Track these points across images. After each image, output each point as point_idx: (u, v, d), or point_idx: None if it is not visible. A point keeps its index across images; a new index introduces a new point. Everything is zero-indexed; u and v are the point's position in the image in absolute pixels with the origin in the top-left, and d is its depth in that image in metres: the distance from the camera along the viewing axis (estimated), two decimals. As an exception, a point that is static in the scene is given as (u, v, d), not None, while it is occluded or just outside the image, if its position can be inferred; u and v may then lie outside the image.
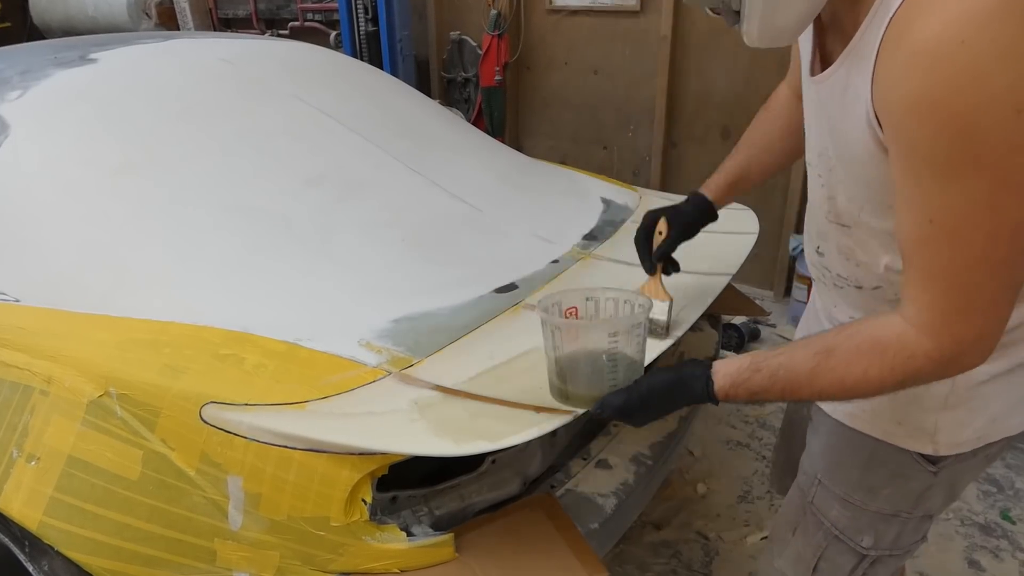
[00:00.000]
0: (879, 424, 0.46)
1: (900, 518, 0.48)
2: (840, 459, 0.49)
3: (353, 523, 0.50)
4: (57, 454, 0.54)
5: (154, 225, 0.69)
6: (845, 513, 0.49)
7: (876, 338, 0.37)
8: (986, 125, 0.30)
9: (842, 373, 0.38)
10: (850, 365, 0.38)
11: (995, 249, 0.33)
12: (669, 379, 0.44)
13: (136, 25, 2.54)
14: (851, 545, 0.50)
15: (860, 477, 0.48)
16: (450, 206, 0.86)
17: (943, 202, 0.33)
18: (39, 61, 0.86)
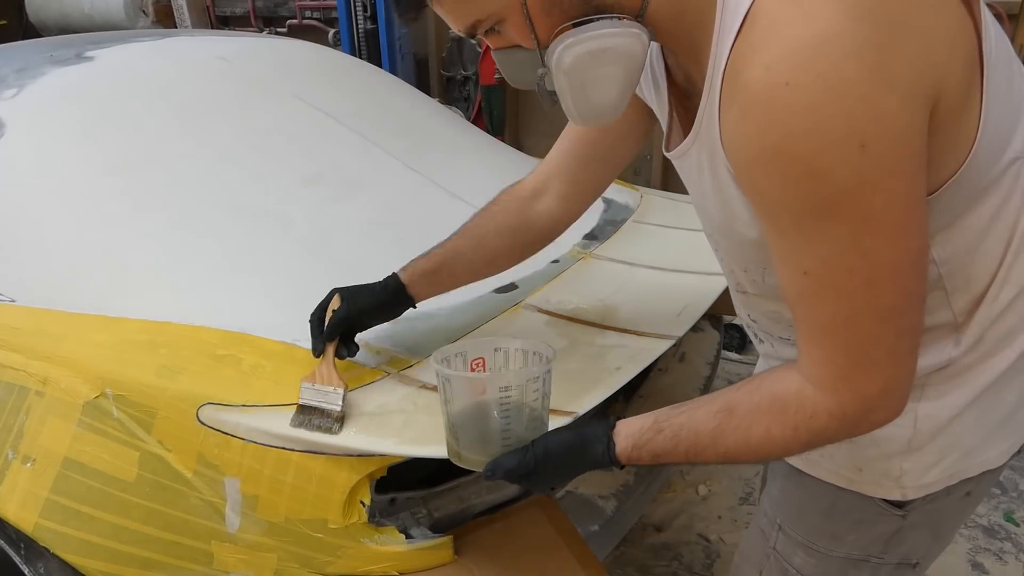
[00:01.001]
0: (839, 472, 0.42)
1: (871, 563, 0.44)
2: (800, 505, 0.46)
3: (351, 525, 0.50)
4: (53, 456, 0.54)
5: (151, 225, 0.69)
6: (810, 560, 0.45)
7: (775, 395, 0.35)
8: (830, 166, 0.28)
9: (745, 433, 0.36)
10: (752, 424, 0.36)
11: (877, 296, 0.30)
12: (569, 440, 0.41)
13: (133, 23, 2.54)
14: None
15: (822, 524, 0.44)
16: (450, 206, 0.86)
17: (810, 252, 0.31)
18: (35, 59, 0.85)
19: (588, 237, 0.86)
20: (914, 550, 0.44)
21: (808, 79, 0.27)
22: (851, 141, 0.27)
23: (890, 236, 0.30)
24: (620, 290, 0.72)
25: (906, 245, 0.30)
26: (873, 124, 0.27)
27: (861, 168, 0.28)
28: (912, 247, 0.30)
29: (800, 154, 0.28)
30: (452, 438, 0.42)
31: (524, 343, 0.45)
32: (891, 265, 0.30)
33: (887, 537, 0.43)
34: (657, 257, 0.80)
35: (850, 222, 0.29)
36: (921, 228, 0.31)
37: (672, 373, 0.87)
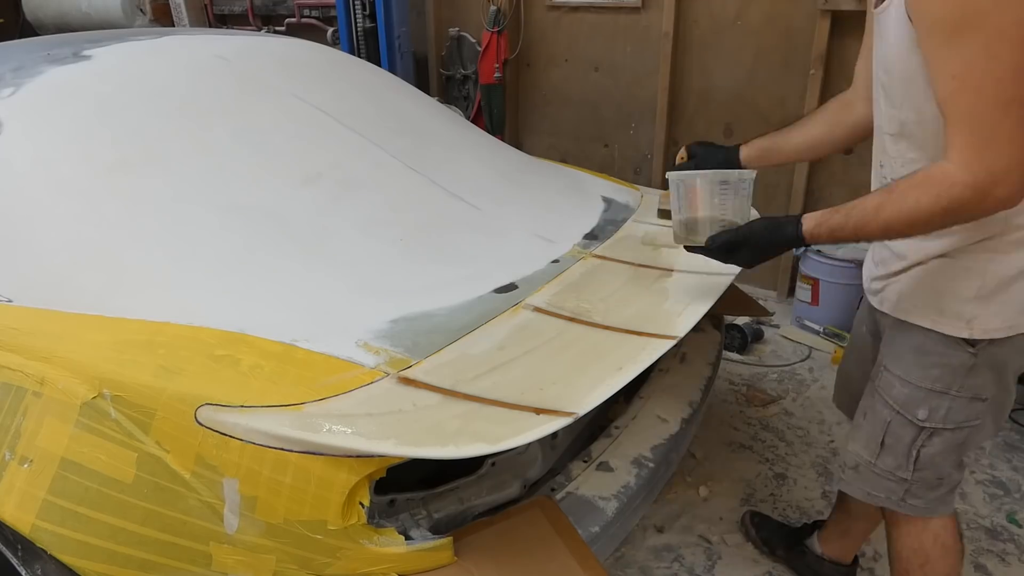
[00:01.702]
0: (927, 315, 0.58)
1: (949, 395, 0.59)
2: (898, 348, 0.61)
3: (350, 526, 0.49)
4: (50, 456, 0.53)
5: (149, 224, 0.69)
6: (903, 391, 0.61)
7: (926, 174, 0.49)
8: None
9: (899, 204, 0.50)
10: (905, 197, 0.50)
11: (1002, 90, 0.44)
12: (768, 223, 0.58)
13: (130, 21, 2.53)
14: (909, 418, 0.61)
15: (914, 359, 0.60)
16: (449, 205, 0.85)
17: (956, 59, 0.46)
18: (32, 58, 0.85)
19: (588, 237, 0.85)
20: (983, 387, 0.59)
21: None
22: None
23: (1017, 46, 0.43)
24: (620, 290, 0.71)
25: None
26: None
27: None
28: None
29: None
30: (680, 227, 0.63)
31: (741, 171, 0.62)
32: (1014, 68, 0.44)
33: (963, 372, 0.58)
34: (658, 257, 0.80)
35: (986, 34, 0.44)
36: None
37: (673, 373, 0.87)
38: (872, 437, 0.65)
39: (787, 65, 1.63)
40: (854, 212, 0.53)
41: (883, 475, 0.65)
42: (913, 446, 0.62)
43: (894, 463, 0.64)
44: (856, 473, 0.68)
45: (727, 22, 1.69)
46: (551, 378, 0.55)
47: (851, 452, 0.68)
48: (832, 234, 0.55)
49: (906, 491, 0.64)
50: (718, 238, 0.60)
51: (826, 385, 1.38)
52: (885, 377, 0.63)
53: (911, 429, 0.62)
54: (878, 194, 0.53)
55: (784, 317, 1.66)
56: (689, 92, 1.81)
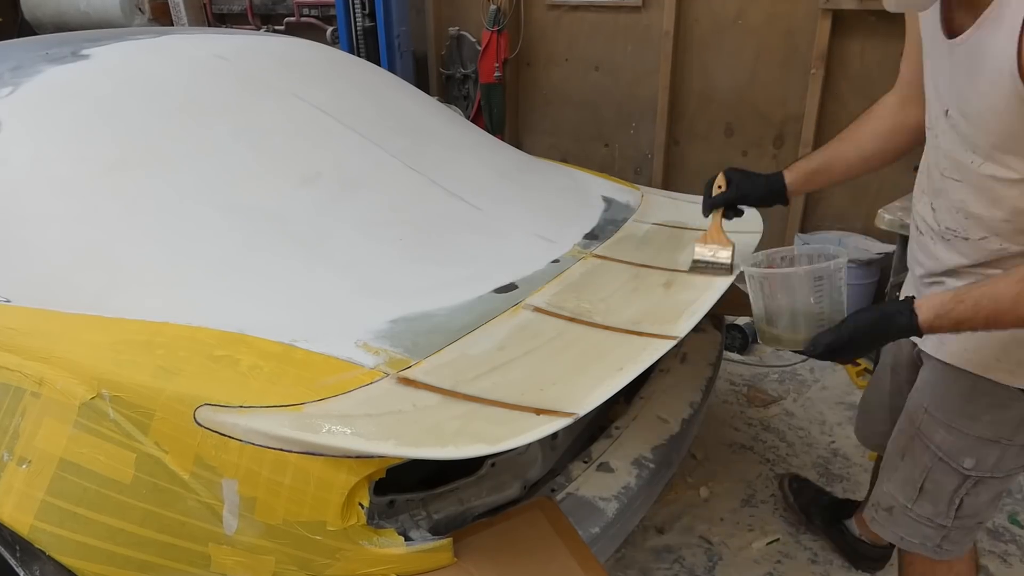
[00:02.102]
0: (980, 361, 0.54)
1: (1000, 444, 0.55)
2: (945, 391, 0.57)
3: (350, 527, 0.49)
4: (48, 457, 0.53)
5: (148, 224, 0.68)
6: (949, 438, 0.57)
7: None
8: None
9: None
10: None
11: None
12: (874, 316, 0.51)
13: (129, 21, 2.52)
14: (954, 466, 0.58)
15: (962, 406, 0.56)
16: (449, 205, 0.85)
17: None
18: (30, 57, 0.84)
19: (589, 236, 0.85)
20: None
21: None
22: None
23: None
24: (621, 290, 0.71)
25: None
26: None
27: None
28: None
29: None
30: (769, 327, 0.56)
31: (812, 248, 0.58)
32: None
33: (1017, 422, 0.54)
34: (658, 257, 0.80)
35: None
36: None
37: (674, 374, 0.87)
38: (909, 481, 0.61)
39: (788, 64, 1.63)
40: (984, 302, 0.47)
41: (920, 520, 0.61)
42: (956, 494, 0.58)
43: (933, 510, 0.60)
44: (889, 515, 0.64)
45: (728, 21, 1.69)
46: (551, 378, 0.55)
47: (885, 493, 0.64)
48: (956, 326, 0.48)
49: (943, 538, 0.60)
50: (821, 340, 0.52)
51: (827, 385, 1.37)
52: (927, 421, 0.58)
53: (955, 477, 0.58)
54: (1015, 281, 0.46)
55: (785, 317, 1.67)
56: (690, 91, 1.80)
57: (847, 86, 1.52)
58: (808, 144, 1.60)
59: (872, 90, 1.48)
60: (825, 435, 1.22)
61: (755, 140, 1.71)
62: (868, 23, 1.46)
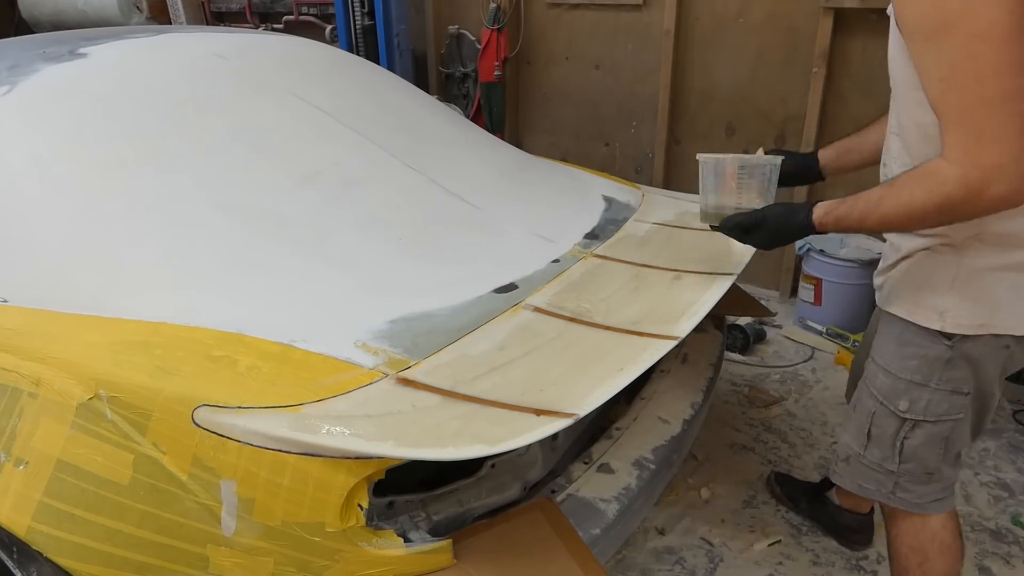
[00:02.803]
0: (904, 306, 0.61)
1: (929, 387, 0.61)
2: (884, 338, 0.64)
3: (349, 529, 0.49)
4: (46, 458, 0.53)
5: (146, 224, 0.68)
6: (886, 382, 0.63)
7: (922, 170, 0.51)
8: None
9: (897, 198, 0.52)
10: (902, 191, 0.52)
11: (986, 88, 0.46)
12: (781, 209, 0.61)
13: (127, 19, 2.52)
14: (892, 409, 0.63)
15: (896, 350, 0.62)
16: (448, 204, 0.85)
17: (939, 62, 0.48)
18: (27, 56, 0.84)
19: (589, 236, 0.85)
20: (963, 381, 0.60)
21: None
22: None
23: (995, 45, 0.44)
24: (621, 290, 0.71)
25: (1007, 53, 0.44)
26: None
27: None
28: (1012, 55, 0.45)
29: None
30: (703, 203, 0.68)
31: (768, 156, 0.67)
32: (994, 66, 0.45)
33: (941, 365, 0.59)
34: (659, 257, 0.80)
35: (964, 36, 0.45)
36: (1017, 45, 0.44)
37: (674, 374, 0.86)
38: (860, 428, 0.67)
39: (789, 63, 1.62)
40: (858, 203, 0.55)
41: (872, 467, 0.66)
42: (897, 437, 0.63)
43: (880, 455, 0.65)
44: (847, 465, 0.70)
45: (729, 20, 1.68)
46: (551, 379, 0.54)
47: (843, 444, 0.70)
48: (838, 223, 0.57)
49: (895, 484, 0.65)
50: (733, 219, 0.64)
51: (829, 386, 1.37)
52: (871, 368, 0.66)
53: (894, 420, 0.63)
54: (882, 187, 0.55)
55: (787, 317, 1.65)
56: (691, 90, 1.79)
57: (849, 85, 1.51)
58: (810, 143, 1.59)
59: (874, 89, 1.48)
60: (827, 436, 1.22)
61: (756, 139, 1.71)
62: (870, 22, 1.45)
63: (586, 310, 0.65)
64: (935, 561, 0.66)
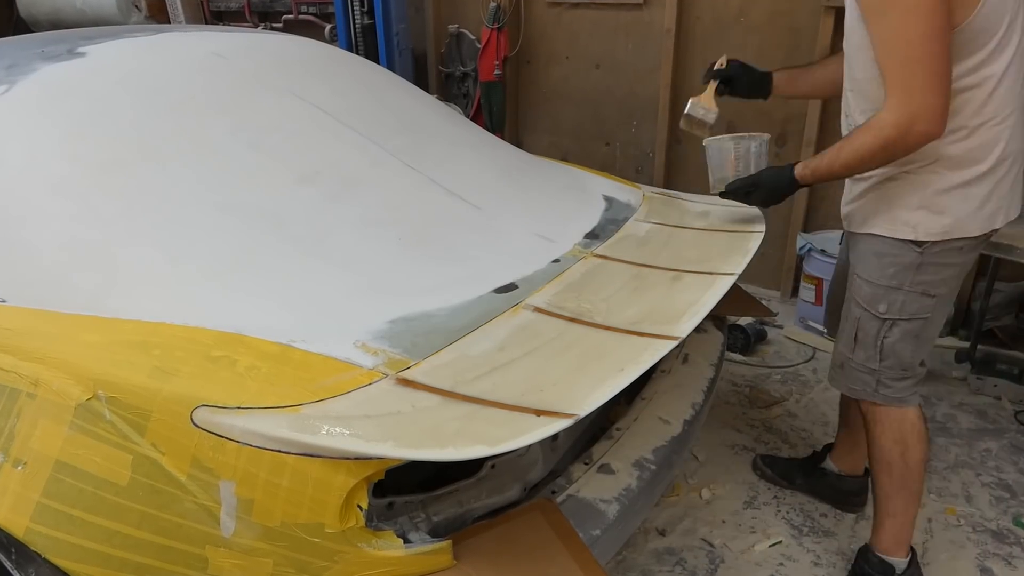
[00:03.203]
0: (882, 224, 0.74)
1: (903, 290, 0.75)
2: (863, 254, 0.77)
3: (348, 530, 0.49)
4: (44, 459, 0.53)
5: (144, 223, 0.68)
6: (868, 290, 0.77)
7: (868, 123, 0.68)
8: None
9: (851, 146, 0.69)
10: (854, 140, 0.69)
11: (913, 50, 0.62)
12: (771, 171, 0.79)
13: (126, 18, 2.51)
14: (873, 312, 0.76)
15: (875, 262, 0.76)
16: (448, 204, 0.85)
17: (883, 30, 0.64)
18: (26, 55, 0.84)
19: (589, 236, 0.85)
20: (931, 284, 0.74)
21: None
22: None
23: (921, 17, 0.61)
24: (622, 290, 0.71)
25: (930, 23, 0.61)
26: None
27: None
28: (935, 25, 0.61)
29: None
30: (712, 178, 0.85)
31: (755, 135, 0.84)
32: (921, 34, 0.61)
33: (913, 269, 0.74)
34: (659, 256, 0.79)
35: (901, 9, 0.62)
36: (941, 18, 0.61)
37: (675, 375, 0.86)
38: (849, 335, 0.80)
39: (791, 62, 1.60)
40: (826, 156, 0.72)
41: (859, 368, 0.79)
42: (878, 337, 0.77)
43: (865, 355, 0.78)
44: (840, 370, 0.82)
45: (730, 19, 1.68)
46: (552, 379, 0.54)
47: (836, 352, 0.83)
48: (815, 174, 0.74)
49: (878, 381, 0.78)
50: (734, 183, 0.82)
51: (830, 387, 1.37)
52: (855, 282, 0.79)
53: (875, 322, 0.77)
54: (841, 141, 0.71)
55: (787, 317, 1.65)
56: (692, 89, 1.79)
57: (850, 84, 1.50)
58: (811, 143, 1.59)
59: (875, 88, 1.48)
60: (828, 436, 1.21)
61: (757, 138, 1.71)
62: (871, 20, 1.45)
63: (586, 310, 0.65)
64: (914, 448, 0.79)
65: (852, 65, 0.72)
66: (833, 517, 1.02)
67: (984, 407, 1.29)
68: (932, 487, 1.07)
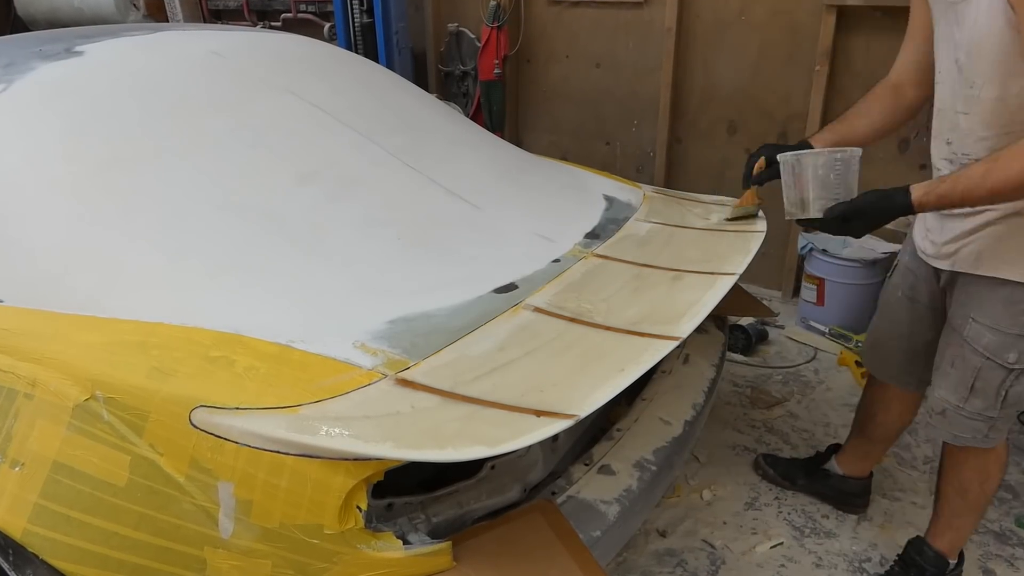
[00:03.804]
0: (1014, 270, 0.68)
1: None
2: (986, 300, 0.71)
3: (347, 531, 0.49)
4: (42, 459, 0.53)
5: (142, 223, 0.68)
6: (994, 339, 0.71)
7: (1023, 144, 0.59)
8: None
9: (1005, 171, 0.59)
10: (1010, 163, 0.59)
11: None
12: (879, 193, 0.67)
13: (123, 17, 2.50)
14: (999, 363, 0.71)
15: (1003, 309, 0.69)
16: (448, 203, 0.84)
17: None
18: (23, 54, 0.83)
19: (590, 236, 0.84)
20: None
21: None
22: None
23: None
24: (622, 290, 0.70)
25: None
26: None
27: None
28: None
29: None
30: (795, 201, 0.73)
31: (828, 148, 0.75)
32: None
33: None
34: (660, 256, 0.79)
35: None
36: None
37: (676, 375, 0.86)
38: (962, 383, 0.74)
39: (792, 61, 1.61)
40: (961, 180, 0.62)
41: (971, 416, 0.74)
42: (1002, 387, 0.72)
43: (982, 404, 0.73)
44: (943, 418, 0.77)
45: (731, 17, 1.67)
46: (552, 380, 0.54)
47: (938, 399, 0.77)
48: (940, 201, 0.64)
49: (990, 428, 0.74)
50: (834, 210, 0.69)
51: (832, 387, 1.36)
52: (974, 328, 0.72)
53: (1001, 372, 0.71)
54: (983, 163, 0.61)
55: (789, 318, 1.64)
56: (692, 88, 1.79)
57: (851, 83, 1.50)
58: (812, 142, 1.58)
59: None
60: (830, 437, 1.21)
61: (758, 138, 1.70)
62: (873, 19, 1.44)
63: (587, 310, 0.65)
64: (993, 478, 0.78)
65: (979, 82, 0.62)
66: (835, 518, 1.02)
67: (986, 407, 1.30)
68: (933, 488, 1.05)
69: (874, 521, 0.98)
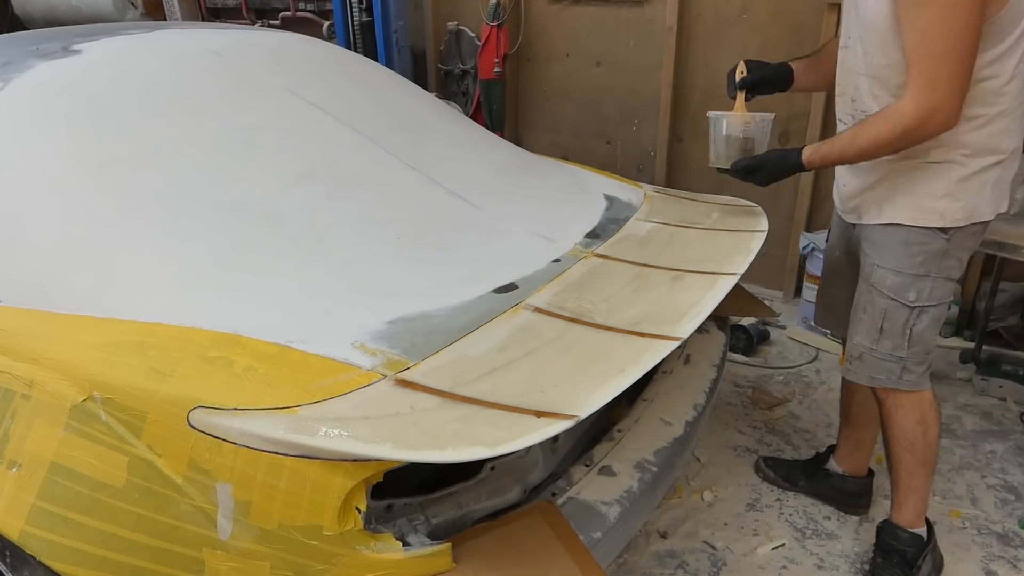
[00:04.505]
0: (906, 214, 0.75)
1: (930, 277, 0.76)
2: (886, 246, 0.78)
3: (347, 532, 0.49)
4: (39, 460, 0.52)
5: (140, 223, 0.67)
6: (896, 279, 0.78)
7: (886, 109, 0.70)
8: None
9: (868, 133, 0.71)
10: (871, 127, 0.71)
11: (947, 43, 0.64)
12: (776, 153, 0.81)
13: (121, 15, 2.50)
14: (902, 302, 0.78)
15: (902, 251, 0.77)
16: (447, 203, 0.84)
17: (920, 21, 0.65)
18: (20, 52, 0.83)
19: (590, 235, 0.84)
20: (953, 269, 0.77)
21: None
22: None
23: (962, 13, 0.62)
24: (623, 290, 0.70)
25: (969, 20, 0.63)
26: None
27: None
28: (972, 23, 0.63)
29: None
30: (714, 151, 0.86)
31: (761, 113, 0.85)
32: (957, 32, 0.63)
33: (939, 256, 0.76)
34: (661, 256, 0.79)
35: (940, 4, 0.63)
36: (978, 16, 0.63)
37: (677, 375, 0.86)
38: (872, 325, 0.80)
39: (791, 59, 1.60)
40: (837, 141, 0.74)
41: (883, 358, 0.80)
42: (907, 325, 0.78)
43: (892, 344, 0.79)
44: (861, 362, 0.83)
45: (732, 16, 1.67)
46: (552, 380, 0.54)
47: (855, 344, 0.83)
48: (823, 159, 0.76)
49: (903, 368, 0.80)
50: (740, 163, 0.82)
51: (833, 387, 1.36)
52: (879, 272, 0.79)
53: (904, 311, 0.78)
54: (854, 127, 0.73)
55: (790, 318, 1.64)
56: (693, 87, 1.78)
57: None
58: (814, 141, 1.57)
59: (879, 86, 1.47)
60: (831, 437, 1.21)
61: (759, 137, 1.70)
62: (875, 17, 1.44)
63: (587, 310, 0.65)
64: (933, 426, 0.82)
65: (871, 51, 0.71)
66: (837, 519, 1.02)
67: (989, 408, 1.28)
68: (936, 489, 1.06)
69: (876, 522, 0.97)
